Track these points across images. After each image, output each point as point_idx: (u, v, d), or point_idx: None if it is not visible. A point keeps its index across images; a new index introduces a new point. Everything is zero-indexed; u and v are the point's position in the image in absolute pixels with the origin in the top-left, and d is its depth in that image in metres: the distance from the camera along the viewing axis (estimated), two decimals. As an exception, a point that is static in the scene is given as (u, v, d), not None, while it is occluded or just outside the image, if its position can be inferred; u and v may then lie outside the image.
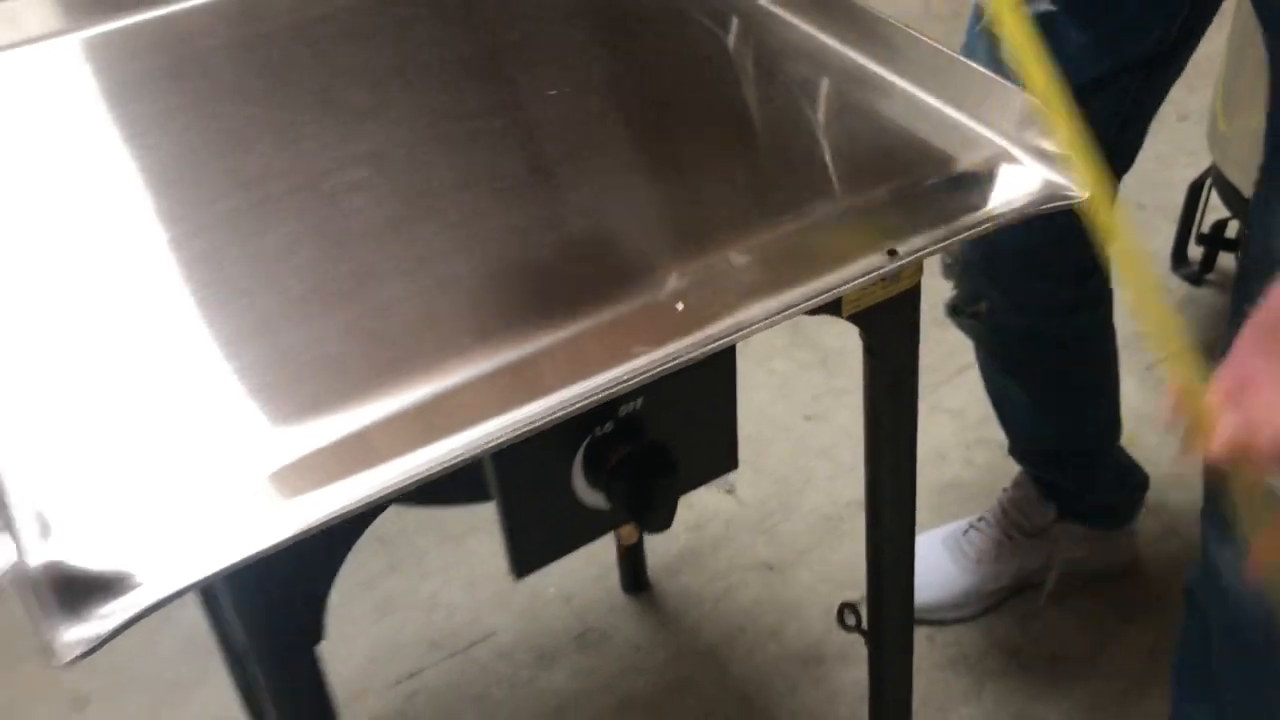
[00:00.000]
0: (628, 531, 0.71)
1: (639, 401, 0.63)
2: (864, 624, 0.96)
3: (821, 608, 1.46)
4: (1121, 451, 1.42)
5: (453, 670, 1.44)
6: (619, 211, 0.69)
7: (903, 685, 1.00)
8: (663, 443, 0.64)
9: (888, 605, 0.93)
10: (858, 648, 0.98)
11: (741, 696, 1.38)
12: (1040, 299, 1.19)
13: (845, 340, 1.78)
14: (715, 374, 0.66)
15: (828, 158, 0.73)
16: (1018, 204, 0.65)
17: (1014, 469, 1.46)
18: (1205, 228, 1.85)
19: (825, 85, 0.77)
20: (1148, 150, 1.12)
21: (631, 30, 0.84)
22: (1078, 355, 1.29)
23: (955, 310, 1.26)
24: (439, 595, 1.52)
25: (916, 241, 0.63)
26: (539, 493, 0.64)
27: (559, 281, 0.64)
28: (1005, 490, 1.45)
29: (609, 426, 0.63)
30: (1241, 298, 0.89)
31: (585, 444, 0.64)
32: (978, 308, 1.21)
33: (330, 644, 0.63)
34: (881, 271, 0.62)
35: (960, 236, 0.64)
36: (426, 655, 1.45)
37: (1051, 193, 0.65)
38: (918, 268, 0.69)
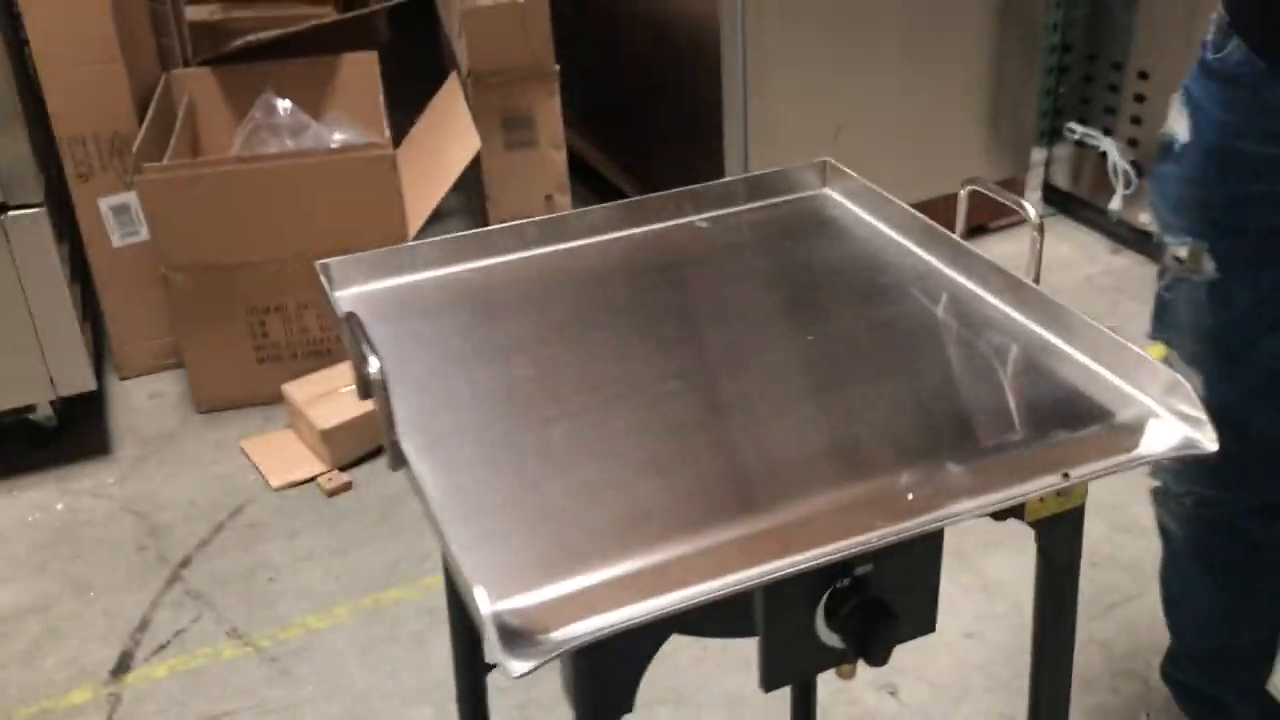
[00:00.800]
0: (847, 670, 0.93)
1: (871, 565, 0.87)
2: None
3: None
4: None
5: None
6: (868, 429, 0.95)
7: None
8: (886, 599, 0.87)
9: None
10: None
11: None
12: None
13: (1004, 570, 1.97)
14: (928, 552, 0.89)
15: (1015, 404, 0.97)
16: (1159, 450, 0.89)
17: (1157, 698, 1.61)
18: None
19: (1015, 350, 1.02)
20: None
21: (873, 298, 1.11)
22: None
23: (1164, 494, 1.43)
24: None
25: (1083, 469, 0.87)
26: (790, 627, 0.87)
27: (823, 473, 0.90)
28: (1147, 715, 1.59)
29: (846, 581, 0.87)
30: None
31: (828, 593, 0.87)
32: (1186, 498, 1.38)
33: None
34: (1056, 487, 0.86)
35: (1114, 469, 0.87)
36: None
37: (1187, 444, 0.88)
38: (1084, 489, 0.92)
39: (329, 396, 2.39)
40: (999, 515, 0.90)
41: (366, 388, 0.98)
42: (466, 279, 1.17)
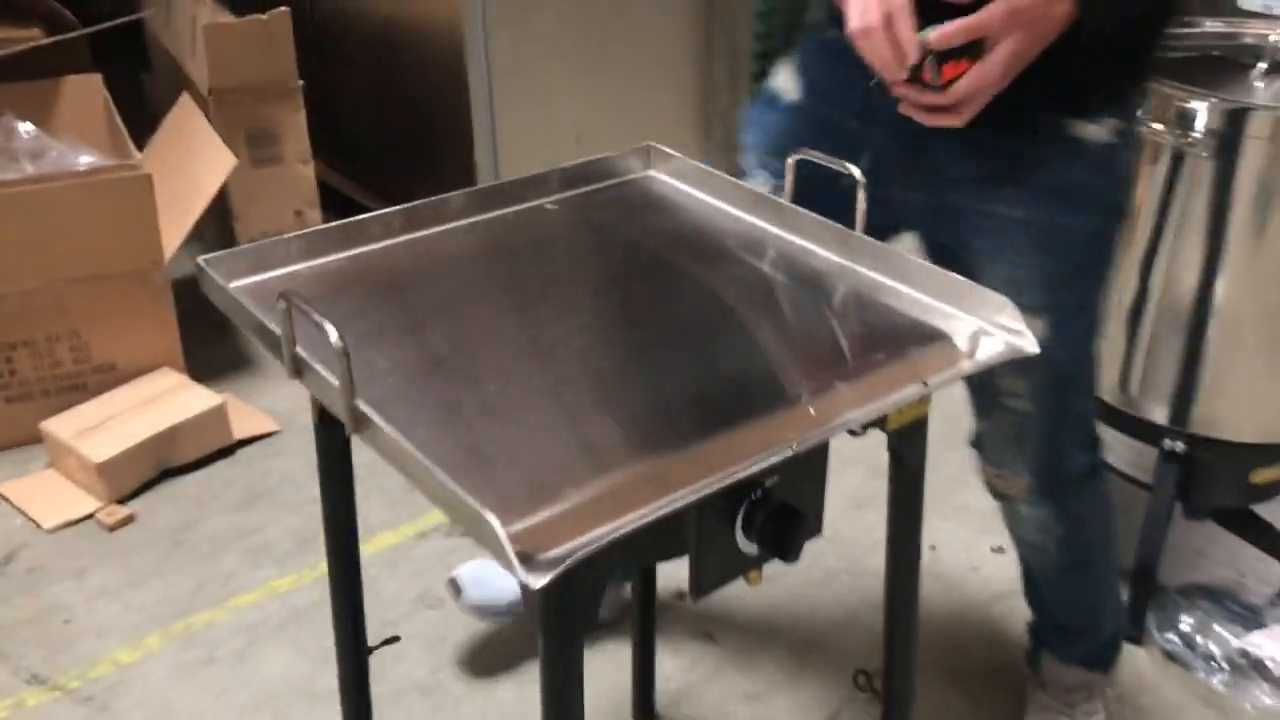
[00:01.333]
0: (755, 575, 1.06)
1: (777, 477, 1.01)
2: (875, 685, 1.31)
3: (799, 724, 1.80)
4: None
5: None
6: (757, 364, 1.09)
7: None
8: (793, 505, 1.01)
9: (898, 665, 1.28)
10: None
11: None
12: None
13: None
14: (819, 462, 1.04)
15: (871, 333, 1.14)
16: (993, 356, 1.07)
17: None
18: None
19: (859, 292, 1.19)
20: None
21: (721, 258, 1.25)
22: None
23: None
24: (479, 731, 1.79)
25: (937, 378, 1.04)
26: (714, 542, 1.00)
27: (732, 402, 1.03)
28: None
29: (759, 494, 1.00)
30: None
31: (744, 507, 1.00)
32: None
33: None
34: (920, 394, 1.03)
35: (960, 375, 1.05)
36: (475, 780, 1.71)
37: (1012, 350, 1.07)
38: (929, 401, 1.10)
39: (98, 429, 2.29)
40: (866, 427, 1.06)
41: (297, 367, 1.03)
42: (343, 268, 1.22)
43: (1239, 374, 1.82)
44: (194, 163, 2.50)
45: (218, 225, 2.65)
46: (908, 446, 1.13)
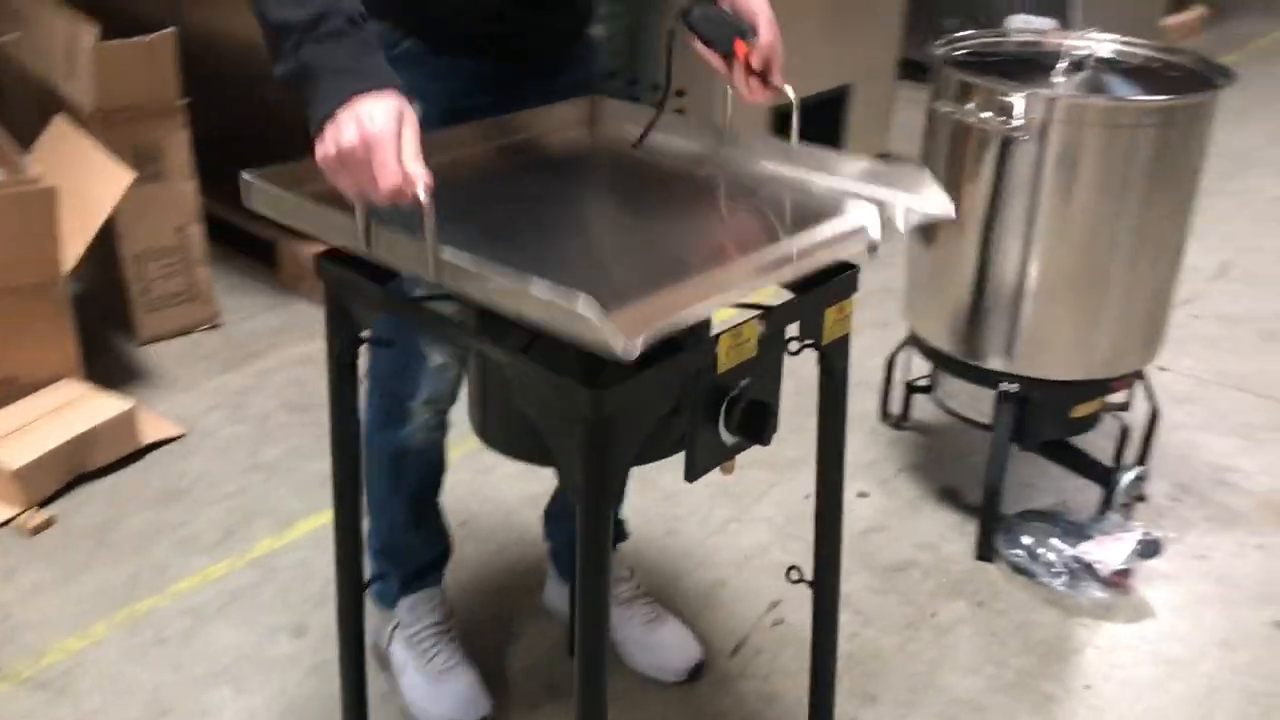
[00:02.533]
0: (730, 465, 1.30)
1: (749, 379, 1.25)
2: (806, 577, 1.57)
3: (716, 648, 2.04)
4: None
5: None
6: (737, 233, 1.34)
7: (834, 623, 1.59)
8: (764, 400, 1.25)
9: (826, 562, 1.53)
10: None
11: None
12: None
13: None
14: (778, 367, 1.28)
15: (818, 207, 1.38)
16: (917, 219, 1.34)
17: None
18: (904, 385, 2.67)
19: (807, 181, 1.44)
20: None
21: (669, 173, 1.50)
22: None
23: None
24: (431, 678, 1.95)
25: (874, 239, 1.31)
26: (705, 433, 1.23)
27: (730, 248, 1.28)
28: None
29: (737, 391, 1.24)
30: None
31: (725, 404, 1.24)
32: None
33: None
34: (868, 241, 1.29)
35: (893, 235, 1.32)
36: (435, 719, 1.88)
37: (940, 214, 1.34)
38: (851, 311, 1.36)
39: (10, 438, 2.34)
40: (801, 346, 1.32)
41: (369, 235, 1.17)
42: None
43: (1056, 323, 2.17)
44: (85, 180, 2.57)
45: (96, 242, 2.71)
46: (837, 357, 1.39)
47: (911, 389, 2.63)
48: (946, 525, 2.37)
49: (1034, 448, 2.34)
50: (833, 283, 1.32)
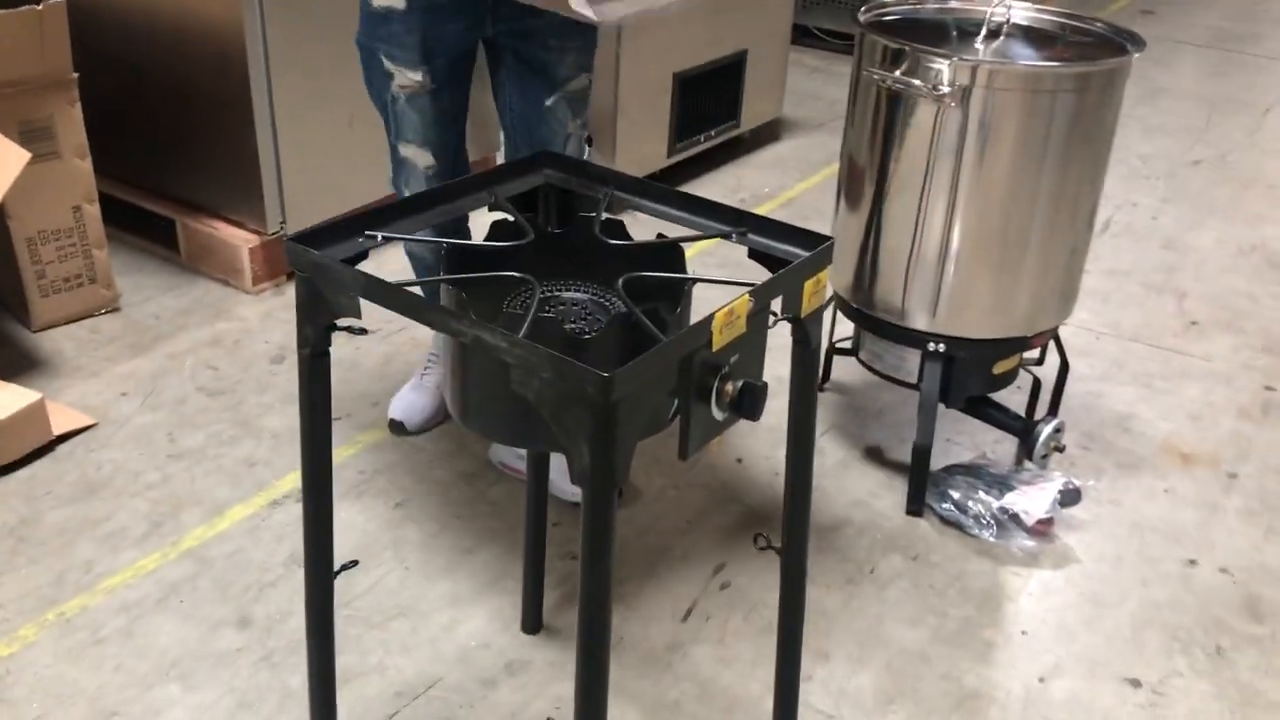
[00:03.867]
0: (717, 444, 1.31)
1: (737, 355, 1.26)
2: (773, 544, 1.59)
3: (667, 613, 2.06)
4: None
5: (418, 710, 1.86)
6: None
7: (802, 587, 1.63)
8: (755, 383, 1.26)
9: (796, 524, 1.56)
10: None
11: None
12: None
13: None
14: (762, 348, 1.30)
15: None
16: None
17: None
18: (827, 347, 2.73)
19: None
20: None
21: None
22: None
23: None
24: (385, 661, 1.93)
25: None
26: (698, 411, 1.23)
27: None
28: None
29: (727, 369, 1.25)
30: None
31: (715, 385, 1.25)
32: None
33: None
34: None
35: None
36: (394, 703, 1.86)
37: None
38: (825, 283, 1.38)
39: (-90, 436, 2.21)
40: (779, 318, 1.34)
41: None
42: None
43: (980, 283, 2.24)
44: (-26, 160, 2.43)
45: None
46: (812, 328, 1.41)
47: (834, 350, 2.68)
48: (875, 483, 2.44)
49: (959, 404, 2.41)
50: (812, 255, 1.34)
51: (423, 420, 2.50)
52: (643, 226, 1.49)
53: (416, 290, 1.26)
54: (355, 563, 1.58)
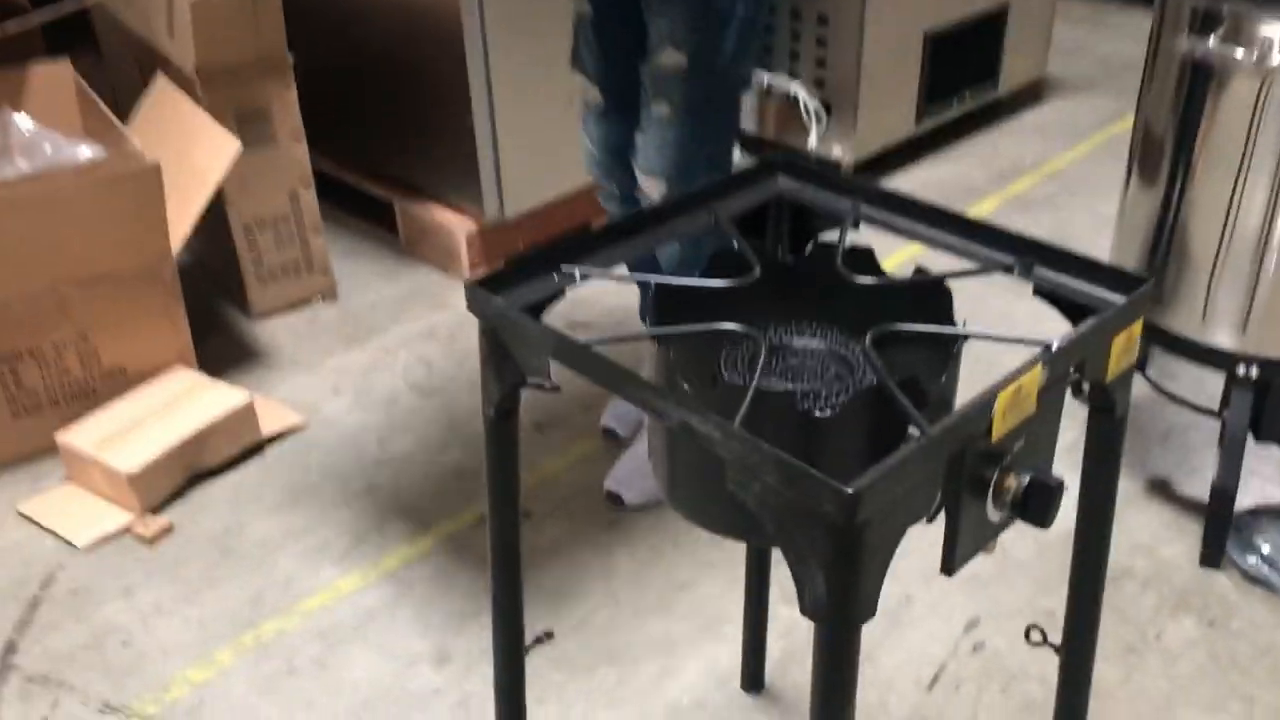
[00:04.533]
0: (992, 545, 1.03)
1: (1021, 442, 0.97)
2: (1050, 640, 1.30)
3: (910, 679, 1.78)
4: None
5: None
6: None
7: (1085, 697, 1.32)
8: (1047, 481, 0.97)
9: (1083, 623, 1.26)
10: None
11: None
12: None
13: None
14: (1054, 418, 1.01)
15: None
16: None
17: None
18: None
19: None
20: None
21: None
22: None
23: None
24: (589, 716, 1.74)
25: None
26: (969, 511, 0.96)
27: None
28: None
29: (1010, 460, 0.96)
30: None
31: (994, 480, 0.96)
32: None
33: None
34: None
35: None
36: (598, 769, 1.67)
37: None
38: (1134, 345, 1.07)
39: (121, 437, 2.16)
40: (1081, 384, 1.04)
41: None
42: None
43: (1309, 296, 1.83)
44: (190, 149, 2.36)
45: (208, 211, 2.51)
46: (1120, 394, 1.10)
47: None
48: (1162, 524, 2.07)
49: (1273, 438, 2.01)
50: (1125, 303, 1.03)
51: (639, 423, 2.28)
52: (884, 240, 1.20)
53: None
54: (550, 635, 1.37)
